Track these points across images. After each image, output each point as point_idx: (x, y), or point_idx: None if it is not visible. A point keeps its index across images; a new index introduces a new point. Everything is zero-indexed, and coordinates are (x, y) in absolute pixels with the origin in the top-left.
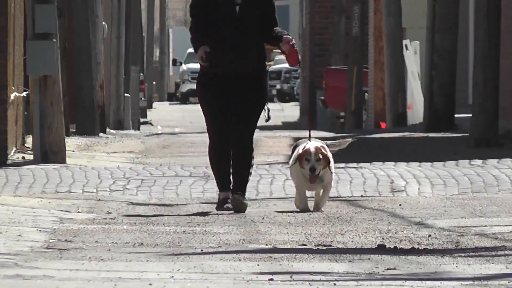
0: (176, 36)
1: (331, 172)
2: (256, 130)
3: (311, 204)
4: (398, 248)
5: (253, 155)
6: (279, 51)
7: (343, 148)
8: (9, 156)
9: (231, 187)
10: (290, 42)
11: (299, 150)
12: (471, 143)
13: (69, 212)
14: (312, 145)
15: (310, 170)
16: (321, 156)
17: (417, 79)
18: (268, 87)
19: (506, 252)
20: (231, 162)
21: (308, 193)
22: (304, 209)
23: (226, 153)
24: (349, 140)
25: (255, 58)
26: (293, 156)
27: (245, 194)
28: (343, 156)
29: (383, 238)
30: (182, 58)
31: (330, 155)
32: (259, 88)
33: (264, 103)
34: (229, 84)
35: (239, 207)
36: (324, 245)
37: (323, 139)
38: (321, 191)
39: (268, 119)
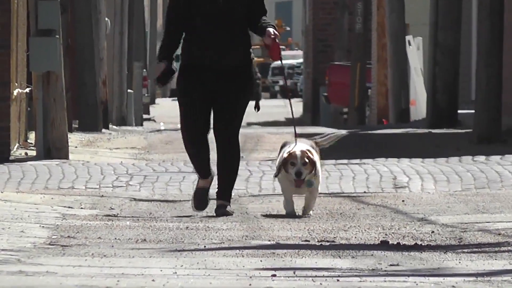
0: None
1: (319, 176)
2: (259, 126)
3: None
4: (401, 244)
5: (240, 157)
6: (282, 46)
7: (333, 143)
8: (12, 152)
9: (217, 192)
10: (272, 36)
11: (284, 153)
12: (474, 139)
13: (72, 208)
14: (298, 148)
15: (295, 175)
16: (307, 160)
17: (420, 75)
18: (254, 81)
19: (509, 248)
20: (209, 150)
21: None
22: (291, 213)
23: (204, 143)
24: (336, 135)
25: (241, 52)
26: (278, 160)
27: (230, 200)
28: (346, 152)
29: (386, 234)
30: None
31: (317, 158)
32: (244, 83)
33: (249, 100)
34: (212, 79)
35: (224, 215)
36: (327, 241)
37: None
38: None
39: (258, 109)
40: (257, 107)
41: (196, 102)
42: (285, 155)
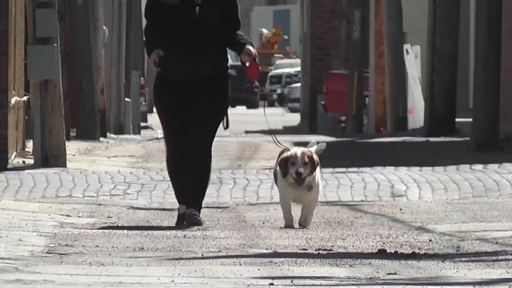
0: None
1: (318, 185)
2: (257, 134)
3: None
4: (399, 252)
5: (211, 166)
6: (280, 55)
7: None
8: (9, 160)
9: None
10: (252, 55)
11: (285, 154)
12: (472, 146)
13: (69, 216)
14: (298, 149)
15: (296, 174)
16: (307, 160)
17: (418, 83)
18: (229, 93)
19: (506, 256)
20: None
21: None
22: (289, 226)
23: (186, 164)
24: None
25: (216, 62)
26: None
27: (200, 209)
28: (344, 161)
29: (383, 243)
30: None
31: (318, 160)
32: (219, 94)
33: (225, 110)
34: (188, 90)
35: (194, 224)
36: (325, 250)
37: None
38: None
39: (226, 127)
40: (226, 124)
41: (177, 118)
42: (286, 154)
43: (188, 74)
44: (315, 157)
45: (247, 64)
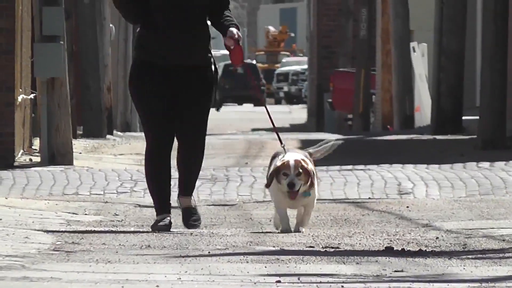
0: None
1: (315, 190)
2: (264, 132)
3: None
4: (406, 250)
5: (202, 159)
6: (287, 53)
7: (329, 152)
8: (16, 158)
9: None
10: (235, 37)
11: (277, 162)
12: (478, 145)
13: (76, 214)
14: (291, 157)
15: (288, 186)
16: (301, 170)
17: (425, 82)
18: (216, 79)
19: None
20: (170, 177)
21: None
22: (286, 230)
23: (167, 164)
24: (330, 144)
25: (201, 50)
26: (270, 170)
27: (192, 192)
28: (351, 158)
29: (390, 240)
30: None
31: (313, 168)
32: (206, 81)
33: (211, 101)
34: (170, 77)
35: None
36: (332, 247)
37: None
38: (303, 209)
39: (218, 109)
40: (218, 106)
41: (157, 108)
42: (278, 164)
43: (172, 61)
44: (310, 166)
45: (232, 48)
